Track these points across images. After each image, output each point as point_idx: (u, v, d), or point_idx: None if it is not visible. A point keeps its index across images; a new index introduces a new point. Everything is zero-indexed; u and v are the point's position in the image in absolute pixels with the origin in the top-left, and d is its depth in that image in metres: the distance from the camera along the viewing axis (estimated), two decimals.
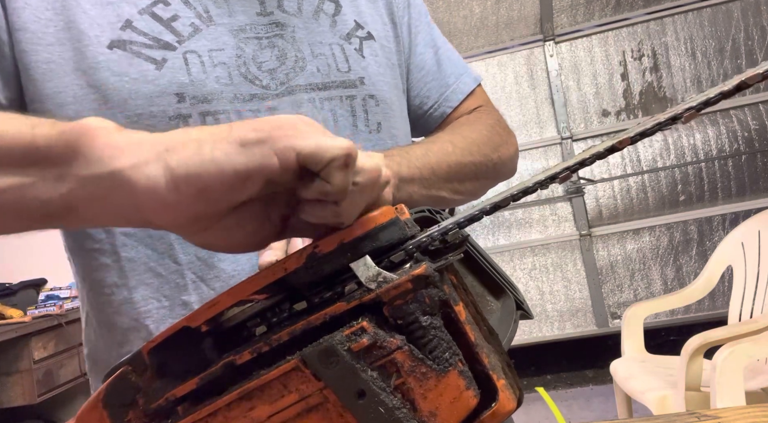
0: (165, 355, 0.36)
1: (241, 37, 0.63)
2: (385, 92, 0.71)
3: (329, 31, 0.69)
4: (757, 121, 3.06)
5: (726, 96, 0.33)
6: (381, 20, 0.76)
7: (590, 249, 3.21)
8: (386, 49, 0.74)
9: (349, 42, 0.70)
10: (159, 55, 0.60)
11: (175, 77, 0.59)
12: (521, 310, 0.56)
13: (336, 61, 0.68)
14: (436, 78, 0.80)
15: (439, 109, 0.80)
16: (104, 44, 0.59)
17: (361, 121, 0.68)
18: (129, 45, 0.60)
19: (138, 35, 0.60)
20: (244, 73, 0.63)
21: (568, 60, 3.28)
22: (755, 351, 1.65)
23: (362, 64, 0.69)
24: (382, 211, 0.34)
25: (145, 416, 0.35)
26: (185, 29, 0.62)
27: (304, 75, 0.65)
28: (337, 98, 0.66)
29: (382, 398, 0.31)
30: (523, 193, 0.37)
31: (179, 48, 0.61)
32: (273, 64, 0.64)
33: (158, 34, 0.61)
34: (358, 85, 0.68)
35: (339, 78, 0.67)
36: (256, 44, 0.64)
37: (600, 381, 3.18)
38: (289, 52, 0.65)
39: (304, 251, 0.34)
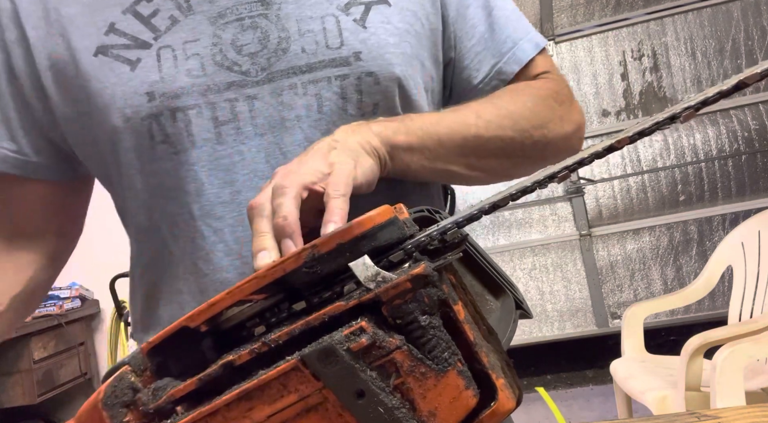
0: (164, 354, 0.36)
1: (219, 24, 0.60)
2: (392, 66, 0.61)
3: (325, 1, 0.62)
4: (757, 121, 3.06)
5: (724, 95, 0.33)
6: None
7: (590, 249, 3.21)
8: (406, 14, 0.64)
9: (347, 13, 0.62)
10: (134, 55, 0.59)
11: (146, 76, 0.58)
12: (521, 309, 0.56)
13: (327, 36, 0.60)
14: (488, 46, 0.68)
15: (490, 83, 0.68)
16: (91, 52, 0.60)
17: (352, 104, 0.60)
18: (110, 49, 0.60)
19: (119, 37, 0.60)
20: (220, 61, 0.59)
21: (568, 60, 3.28)
22: (755, 351, 1.65)
23: (361, 37, 0.61)
24: (380, 210, 0.34)
25: (144, 416, 0.35)
26: (163, 23, 0.60)
27: (286, 58, 0.59)
28: (324, 80, 0.59)
29: (381, 398, 0.31)
30: (521, 192, 0.37)
31: (154, 45, 0.59)
32: (254, 47, 0.59)
33: (137, 33, 0.60)
34: (353, 63, 0.60)
35: (328, 56, 0.60)
36: (237, 27, 0.60)
37: (600, 381, 3.18)
38: (272, 33, 0.60)
39: (302, 251, 0.34)
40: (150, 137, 0.59)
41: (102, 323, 3.52)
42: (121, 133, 0.59)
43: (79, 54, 0.60)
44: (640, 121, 0.35)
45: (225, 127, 0.59)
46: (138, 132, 0.59)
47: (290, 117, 0.59)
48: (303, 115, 0.59)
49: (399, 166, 0.55)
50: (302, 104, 0.59)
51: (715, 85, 0.33)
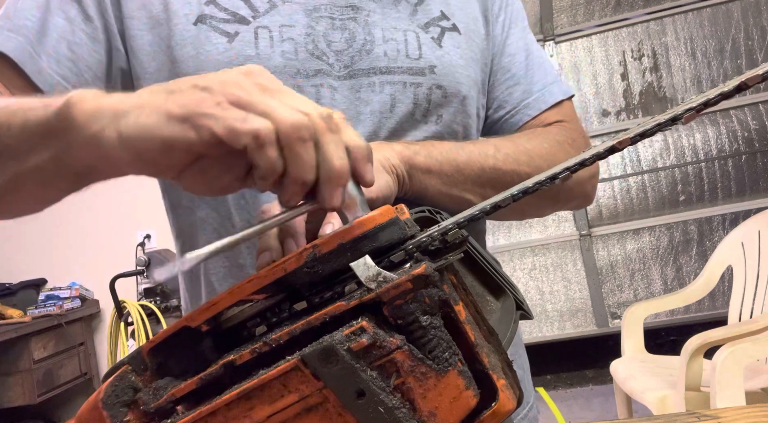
0: (165, 354, 0.36)
1: (314, 16, 0.65)
2: (460, 85, 0.67)
3: (407, 18, 0.68)
4: (757, 121, 3.06)
5: (725, 97, 0.33)
6: (471, 15, 0.73)
7: (590, 249, 3.21)
8: (472, 44, 0.71)
9: (427, 31, 0.68)
10: (233, 28, 0.63)
11: (243, 50, 0.62)
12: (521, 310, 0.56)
13: (407, 47, 0.66)
14: (521, 83, 0.75)
15: (516, 115, 0.74)
16: (191, 21, 0.63)
17: (420, 111, 0.66)
18: (209, 19, 0.63)
19: (219, 11, 0.63)
20: (312, 49, 0.64)
21: (568, 60, 3.28)
22: (755, 351, 1.65)
23: (437, 53, 0.67)
24: (381, 210, 0.34)
25: (144, 416, 0.35)
26: (262, 5, 0.64)
27: (369, 58, 0.65)
28: (399, 83, 0.65)
29: (381, 398, 0.31)
30: (523, 193, 0.37)
31: (252, 22, 0.63)
32: (341, 46, 0.65)
33: (236, 8, 0.64)
34: (427, 74, 0.66)
35: (407, 64, 0.65)
36: (329, 24, 0.65)
37: (600, 381, 3.18)
38: (359, 35, 0.65)
39: (304, 251, 0.34)
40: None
41: (102, 323, 3.52)
42: None
43: (177, 19, 0.63)
44: (642, 122, 0.35)
45: None
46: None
47: (365, 111, 0.64)
48: (376, 110, 0.64)
49: (417, 188, 0.58)
50: (377, 100, 0.64)
51: (717, 87, 0.33)
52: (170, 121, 0.35)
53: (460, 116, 0.68)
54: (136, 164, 0.37)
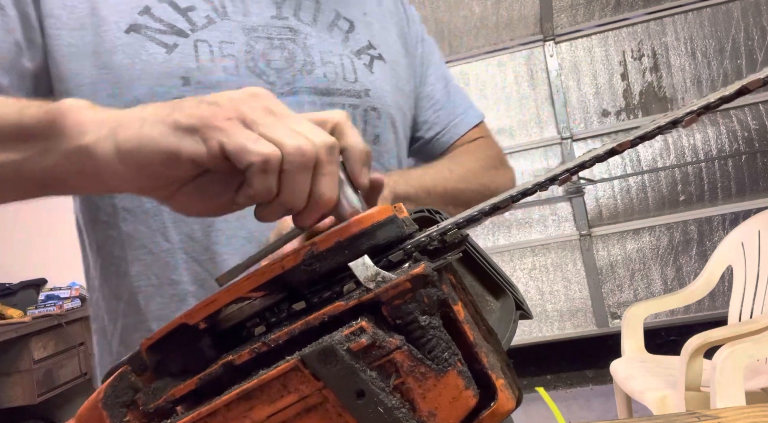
0: (163, 352, 0.36)
1: (252, 35, 0.66)
2: (389, 108, 0.73)
3: (341, 44, 0.72)
4: (757, 121, 3.06)
5: (726, 101, 0.33)
6: (394, 47, 0.79)
7: (590, 249, 3.21)
8: (395, 73, 0.77)
9: (359, 57, 0.73)
10: (171, 40, 0.62)
11: (183, 62, 0.62)
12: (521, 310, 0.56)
13: (344, 70, 0.70)
14: (446, 108, 0.84)
15: (446, 135, 0.84)
16: (122, 29, 0.62)
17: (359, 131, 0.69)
18: (144, 29, 0.62)
19: (154, 21, 0.63)
20: (252, 67, 0.65)
21: (568, 60, 3.28)
22: (755, 351, 1.65)
23: (370, 78, 0.72)
24: (379, 209, 0.34)
25: (144, 416, 0.35)
26: (200, 20, 0.64)
27: (310, 78, 0.67)
28: (339, 105, 0.68)
29: (381, 398, 0.31)
30: (522, 194, 0.37)
31: (191, 35, 0.63)
32: (281, 64, 0.66)
33: (174, 21, 0.63)
34: (363, 96, 0.70)
35: (345, 87, 0.69)
36: (267, 44, 0.66)
37: (600, 381, 3.18)
38: (299, 56, 0.67)
39: (302, 249, 0.34)
40: None
41: None
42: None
43: (107, 25, 0.62)
44: (642, 125, 0.35)
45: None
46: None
47: None
48: None
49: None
50: None
51: (718, 91, 0.33)
52: (177, 132, 0.35)
53: (392, 137, 0.75)
54: (134, 178, 0.36)
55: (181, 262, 0.63)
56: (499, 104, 3.35)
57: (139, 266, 0.64)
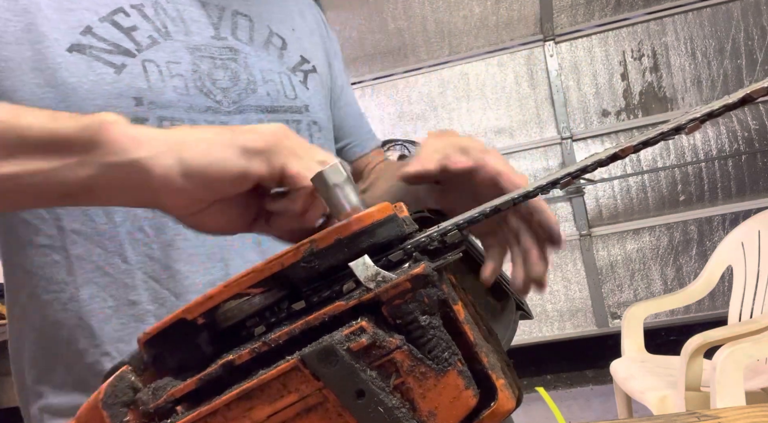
0: (160, 347, 0.35)
1: (196, 55, 0.67)
2: (324, 121, 0.77)
3: (277, 61, 0.74)
4: (757, 121, 3.06)
5: (730, 109, 0.33)
6: (322, 57, 0.83)
7: (590, 249, 3.21)
8: (325, 84, 0.82)
9: (295, 74, 0.76)
10: (118, 60, 0.62)
11: (134, 82, 0.61)
12: (521, 310, 0.56)
13: (284, 87, 0.73)
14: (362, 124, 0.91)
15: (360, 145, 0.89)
16: (64, 47, 0.60)
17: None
18: (89, 49, 0.61)
19: (98, 41, 0.62)
20: (200, 86, 0.66)
21: (568, 60, 3.28)
22: (755, 351, 1.65)
23: (307, 94, 0.75)
24: (379, 207, 0.34)
25: (144, 416, 0.35)
26: (144, 40, 0.64)
27: (255, 97, 0.69)
28: (284, 121, 0.70)
29: (381, 398, 0.31)
30: (524, 197, 0.37)
31: (138, 55, 0.63)
32: (226, 84, 0.68)
33: (118, 40, 0.63)
34: (303, 112, 0.74)
35: (287, 103, 0.72)
36: (211, 63, 0.67)
37: (600, 381, 3.18)
38: (242, 75, 0.69)
39: (301, 246, 0.34)
40: None
41: None
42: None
43: (47, 41, 0.60)
44: (643, 126, 0.35)
45: None
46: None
47: None
48: None
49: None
50: None
51: (722, 99, 0.33)
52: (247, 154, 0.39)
53: (330, 146, 0.79)
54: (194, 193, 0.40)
55: (140, 282, 0.62)
56: (499, 104, 3.35)
57: (92, 289, 0.62)
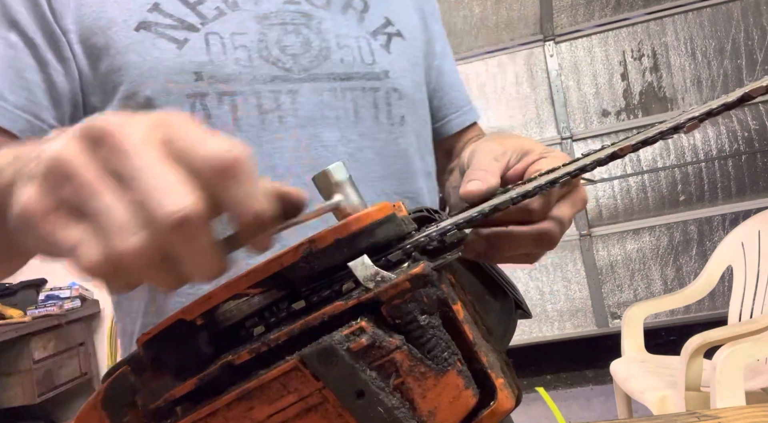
0: (160, 347, 0.35)
1: (264, 24, 0.65)
2: (410, 88, 0.72)
3: (356, 25, 0.70)
4: (757, 121, 3.06)
5: (729, 108, 0.33)
6: (411, 21, 0.77)
7: (590, 249, 3.21)
8: (414, 48, 0.76)
9: (375, 38, 0.71)
10: (181, 35, 0.62)
11: (194, 56, 0.61)
12: (520, 309, 0.56)
13: (361, 53, 0.69)
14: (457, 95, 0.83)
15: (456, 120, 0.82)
16: (132, 27, 0.61)
17: (383, 114, 0.68)
18: (154, 26, 0.62)
19: (164, 17, 0.62)
20: (266, 56, 0.64)
21: (568, 60, 3.28)
22: (755, 351, 1.65)
23: (388, 59, 0.70)
24: (378, 207, 0.34)
25: (144, 416, 0.35)
26: (210, 12, 0.63)
27: (327, 64, 0.66)
28: (359, 89, 0.67)
29: (381, 398, 0.31)
30: (523, 197, 0.37)
31: (202, 29, 0.62)
32: (297, 50, 0.65)
33: (183, 15, 0.63)
34: (382, 78, 0.69)
35: (363, 70, 0.68)
36: (281, 30, 0.65)
37: (600, 381, 3.18)
38: (314, 41, 0.66)
39: (300, 246, 0.34)
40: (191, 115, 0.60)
41: (102, 323, 3.52)
42: (159, 106, 0.61)
43: (116, 26, 0.61)
44: (643, 126, 0.35)
45: (269, 116, 0.62)
46: (178, 108, 0.61)
47: (330, 116, 0.65)
48: (341, 116, 0.65)
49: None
50: (341, 107, 0.66)
51: (720, 98, 0.33)
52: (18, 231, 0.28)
53: (417, 116, 0.73)
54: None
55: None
56: (499, 104, 3.35)
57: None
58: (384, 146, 0.67)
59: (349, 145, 0.65)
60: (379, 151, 0.67)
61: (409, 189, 0.69)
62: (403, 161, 0.69)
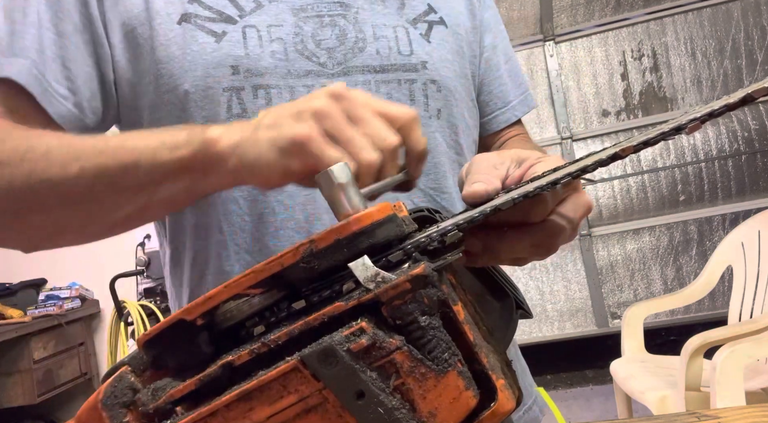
0: (160, 347, 0.35)
1: (301, 16, 0.65)
2: (449, 79, 0.70)
3: (395, 13, 0.69)
4: (757, 121, 3.06)
5: (731, 108, 0.33)
6: (456, 8, 0.75)
7: (590, 249, 3.21)
8: (458, 37, 0.73)
9: (415, 27, 0.69)
10: (220, 28, 0.62)
11: (232, 50, 0.61)
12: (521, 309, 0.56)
13: (398, 43, 0.67)
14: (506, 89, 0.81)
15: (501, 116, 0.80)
16: (175, 20, 0.62)
17: (420, 106, 0.67)
18: (194, 18, 0.62)
19: (203, 9, 0.63)
20: (301, 49, 0.63)
21: (568, 60, 3.28)
22: (755, 351, 1.65)
23: (426, 49, 0.69)
24: (379, 207, 0.34)
25: (144, 417, 0.35)
26: (248, 4, 0.64)
27: (362, 56, 0.65)
28: (395, 81, 0.66)
29: (381, 399, 0.31)
30: (524, 197, 0.37)
31: (240, 22, 0.62)
32: (332, 43, 0.65)
33: (222, 7, 0.63)
34: (420, 70, 0.67)
35: (399, 61, 0.67)
36: (317, 22, 0.65)
37: (600, 381, 3.18)
38: (350, 33, 0.65)
39: (300, 246, 0.34)
40: (227, 108, 0.61)
41: (102, 323, 3.52)
42: (196, 100, 0.61)
43: (159, 18, 0.61)
44: (643, 126, 0.35)
45: None
46: (215, 102, 0.61)
47: None
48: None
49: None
50: None
51: (722, 99, 0.33)
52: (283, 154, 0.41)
53: (455, 109, 0.71)
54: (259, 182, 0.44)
55: (233, 253, 0.63)
56: None
57: (199, 257, 0.65)
58: None
59: None
60: None
61: (443, 185, 0.68)
62: (437, 157, 0.68)
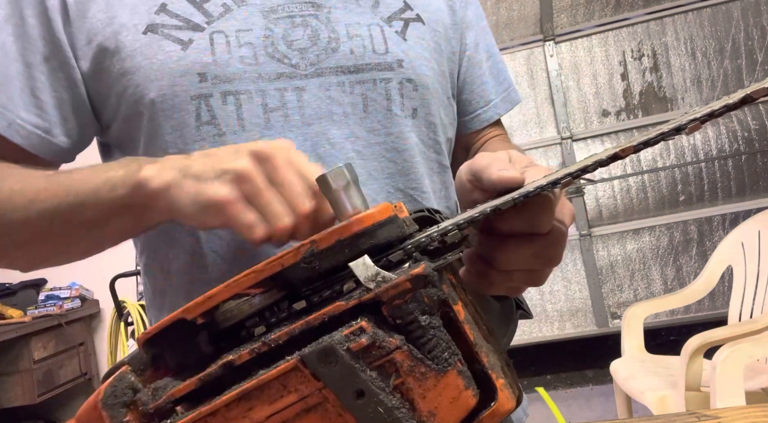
0: (160, 346, 0.35)
1: (271, 18, 0.63)
2: (426, 77, 0.68)
3: (370, 12, 0.68)
4: (757, 121, 3.06)
5: (731, 109, 0.33)
6: (435, 4, 0.74)
7: (590, 249, 3.21)
8: (436, 34, 0.72)
9: (390, 25, 0.68)
10: (186, 35, 0.61)
11: (198, 57, 0.60)
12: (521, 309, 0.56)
13: (373, 42, 0.66)
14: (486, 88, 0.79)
15: (483, 115, 0.79)
16: (140, 31, 0.61)
17: (397, 105, 0.66)
18: (161, 28, 0.61)
19: (170, 18, 0.62)
20: (272, 52, 0.62)
21: (568, 60, 3.28)
22: (755, 351, 1.65)
23: (402, 47, 0.67)
24: (380, 208, 0.34)
25: (144, 416, 0.35)
26: (216, 10, 0.63)
27: (336, 56, 0.64)
28: (370, 81, 0.65)
29: (381, 398, 0.31)
30: (524, 197, 0.37)
31: (207, 29, 0.62)
32: (304, 44, 0.63)
33: (189, 15, 0.62)
34: (396, 68, 0.66)
35: (374, 60, 0.65)
36: (288, 23, 0.64)
37: (600, 381, 3.18)
38: (322, 33, 0.64)
39: (301, 246, 0.34)
40: (196, 117, 0.60)
41: (102, 323, 3.52)
42: (164, 109, 0.60)
43: (126, 31, 0.61)
44: (643, 127, 0.35)
45: (274, 114, 0.61)
46: (183, 110, 0.60)
47: (338, 112, 0.63)
48: (349, 112, 0.64)
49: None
50: (349, 102, 0.64)
51: (722, 99, 0.33)
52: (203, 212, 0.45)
53: (432, 108, 0.69)
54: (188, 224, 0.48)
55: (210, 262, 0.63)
56: None
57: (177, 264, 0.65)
58: (395, 140, 0.65)
59: (357, 143, 0.64)
60: (389, 146, 0.65)
61: (419, 185, 0.67)
62: (413, 157, 0.67)
